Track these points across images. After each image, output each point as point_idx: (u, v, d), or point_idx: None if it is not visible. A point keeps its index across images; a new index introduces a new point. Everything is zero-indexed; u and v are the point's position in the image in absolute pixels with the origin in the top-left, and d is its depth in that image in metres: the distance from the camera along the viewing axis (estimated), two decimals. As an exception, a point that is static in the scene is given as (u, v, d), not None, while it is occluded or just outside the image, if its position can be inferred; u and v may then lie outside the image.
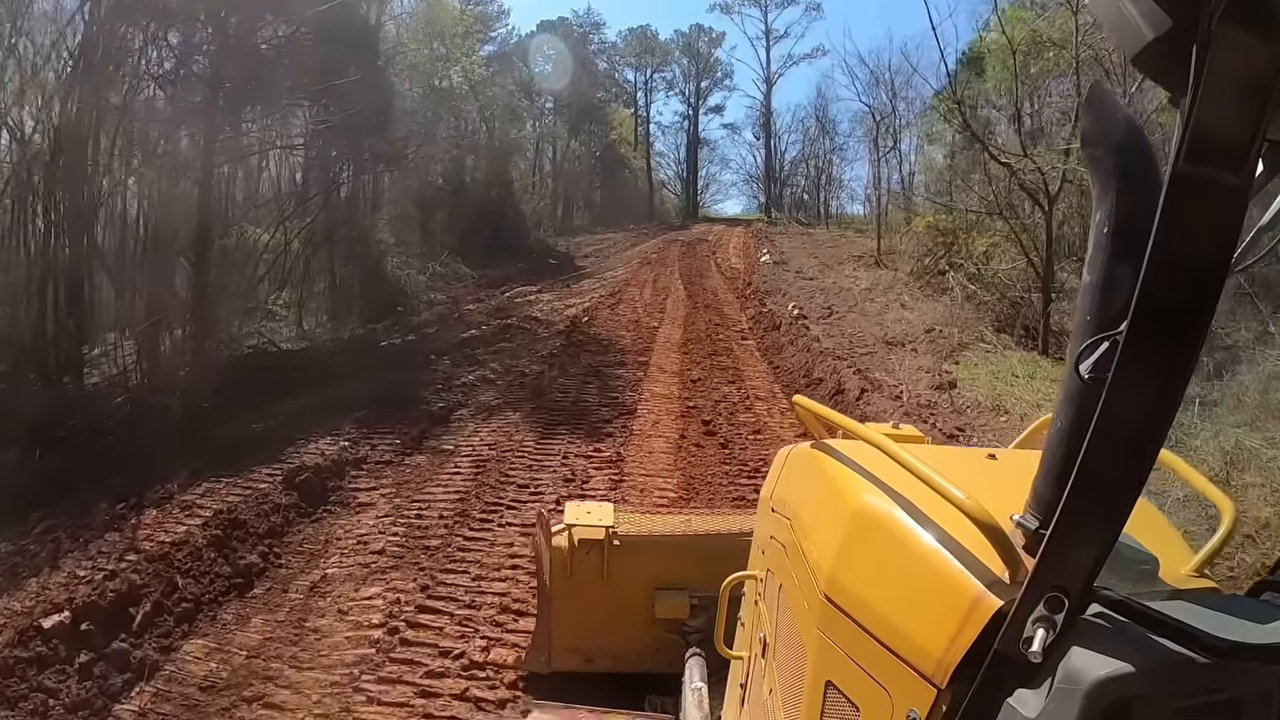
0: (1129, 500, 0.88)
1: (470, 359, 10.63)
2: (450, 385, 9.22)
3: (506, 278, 21.57)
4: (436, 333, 13.59)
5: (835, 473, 1.50)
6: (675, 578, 3.20)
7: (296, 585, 4.84)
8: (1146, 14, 0.77)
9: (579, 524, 3.26)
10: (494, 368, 10.02)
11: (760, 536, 2.03)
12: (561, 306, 15.92)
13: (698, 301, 16.30)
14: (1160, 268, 0.79)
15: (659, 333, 12.65)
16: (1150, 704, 0.89)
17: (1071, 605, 0.91)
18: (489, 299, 18.18)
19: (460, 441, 7.19)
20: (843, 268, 19.87)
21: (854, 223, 33.84)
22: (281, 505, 5.77)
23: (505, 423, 7.69)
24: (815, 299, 15.17)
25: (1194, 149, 0.75)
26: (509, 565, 4.72)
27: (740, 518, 3.30)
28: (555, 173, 39.17)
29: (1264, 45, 0.72)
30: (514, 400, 8.48)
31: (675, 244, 28.74)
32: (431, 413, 8.06)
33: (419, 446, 7.15)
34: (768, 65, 44.02)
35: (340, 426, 7.55)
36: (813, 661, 1.37)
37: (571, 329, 12.70)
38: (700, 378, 9.54)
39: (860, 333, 11.49)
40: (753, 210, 43.92)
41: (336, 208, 17.72)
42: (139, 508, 5.89)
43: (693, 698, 2.62)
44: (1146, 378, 0.83)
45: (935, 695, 1.05)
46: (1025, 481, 1.12)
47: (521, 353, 10.97)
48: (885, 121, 26.65)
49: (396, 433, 7.43)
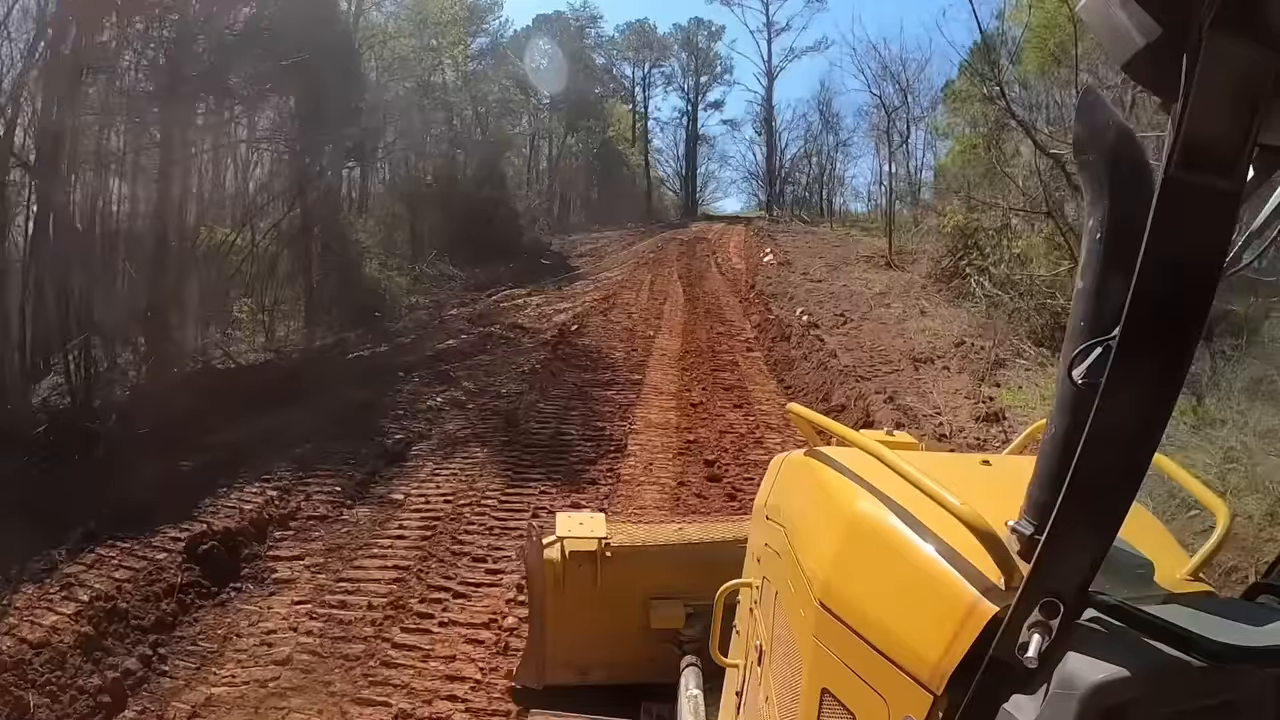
0: (1124, 505, 0.88)
1: (442, 376, 9.42)
2: (415, 410, 8.01)
3: (495, 279, 20.40)
4: (412, 343, 12.38)
5: (830, 480, 1.50)
6: (669, 587, 3.15)
7: (175, 709, 3.63)
8: (1137, 21, 0.78)
9: (571, 536, 3.19)
10: (467, 387, 8.81)
11: (755, 544, 2.00)
12: (551, 312, 14.70)
13: (698, 306, 15.08)
14: (1153, 273, 0.79)
15: (655, 344, 11.43)
16: (1146, 708, 0.89)
17: (1067, 610, 0.90)
18: (474, 303, 16.98)
19: (412, 489, 5.99)
20: (851, 269, 18.64)
21: (858, 221, 32.62)
22: (177, 585, 4.58)
23: (470, 463, 6.49)
24: (825, 304, 13.94)
25: (1186, 154, 0.75)
26: (445, 693, 3.49)
27: (734, 525, 3.24)
28: (551, 170, 38.28)
29: (1254, 51, 0.72)
30: (484, 431, 7.28)
31: (674, 243, 27.55)
32: (386, 448, 6.85)
33: (363, 494, 5.97)
34: (769, 59, 42.79)
35: (276, 468, 6.33)
36: (808, 669, 1.37)
37: (559, 339, 11.49)
38: (702, 401, 8.33)
39: (881, 345, 10.25)
40: (752, 208, 42.85)
41: (310, 206, 16.55)
42: (15, 584, 4.69)
43: (689, 705, 2.61)
44: (1140, 382, 0.83)
45: (931, 702, 1.05)
46: (1020, 487, 1.11)
47: (500, 368, 9.76)
48: (897, 113, 25.31)
49: (340, 475, 6.23)
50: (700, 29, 45.05)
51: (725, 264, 22.14)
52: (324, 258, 16.23)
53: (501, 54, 33.32)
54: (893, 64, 24.86)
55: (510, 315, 14.36)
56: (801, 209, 38.41)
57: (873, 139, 31.82)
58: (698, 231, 31.55)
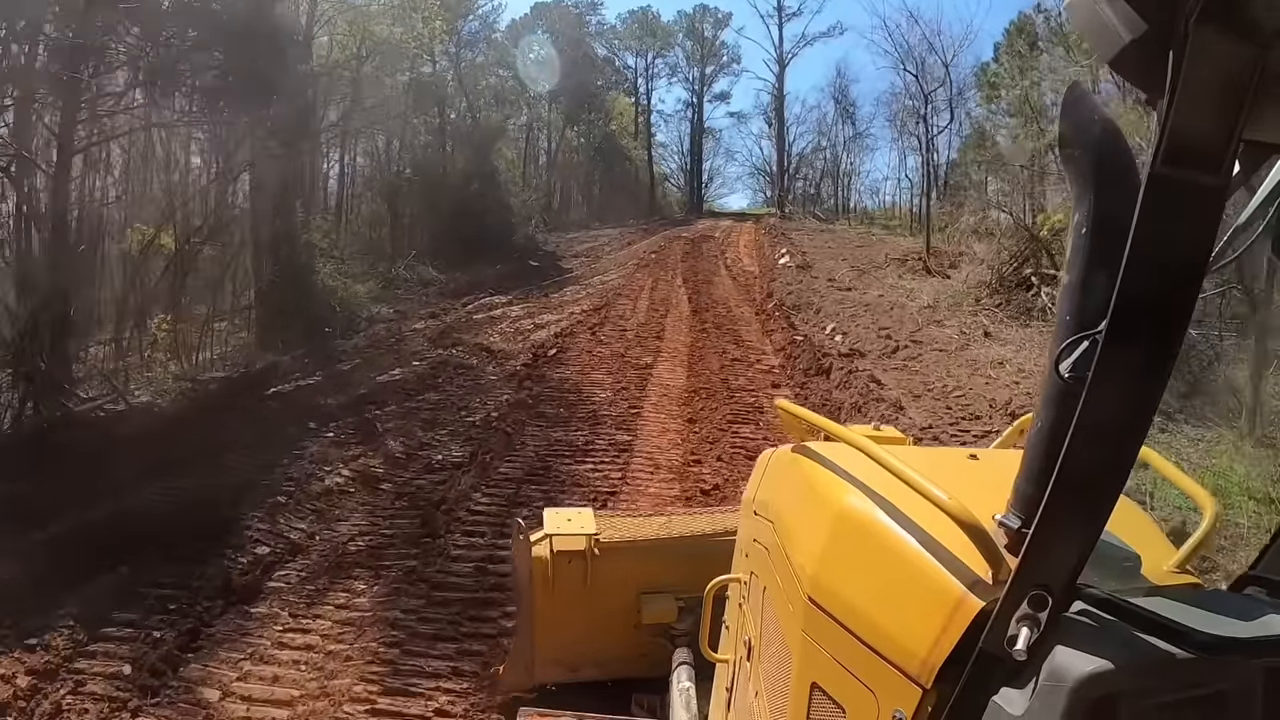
0: (1111, 498, 0.88)
1: (365, 430, 7.02)
2: (305, 494, 5.63)
3: (476, 284, 18.08)
4: (353, 370, 9.98)
5: (817, 475, 1.49)
6: (660, 581, 3.07)
7: None
8: (1123, 17, 0.78)
9: (559, 533, 3.08)
10: (392, 451, 6.41)
11: (743, 539, 1.98)
12: (529, 327, 12.28)
13: (706, 321, 12.61)
14: (1139, 267, 0.79)
15: (653, 378, 8.94)
16: (1134, 700, 0.89)
17: (1055, 603, 0.91)
18: (446, 313, 14.59)
19: (231, 683, 3.54)
20: (882, 274, 16.13)
21: (878, 217, 30.11)
22: None
23: (342, 622, 4.12)
24: (861, 319, 11.47)
25: (1172, 150, 0.75)
26: None
27: (723, 517, 3.15)
28: (550, 164, 36.28)
29: (1239, 46, 0.72)
30: (387, 544, 4.88)
31: (678, 241, 25.06)
32: (230, 577, 4.43)
33: (160, 683, 3.53)
34: (780, 44, 40.30)
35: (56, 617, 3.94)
36: (797, 664, 1.36)
37: (530, 370, 9.06)
38: (719, 484, 5.74)
39: (954, 386, 7.70)
40: (759, 204, 40.58)
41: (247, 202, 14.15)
42: None
43: (681, 699, 2.59)
44: (1126, 376, 0.83)
45: (920, 695, 1.05)
46: (1007, 481, 1.11)
47: (446, 417, 7.35)
48: (934, 92, 22.66)
49: (143, 640, 3.82)
50: (706, 16, 43.21)
51: (735, 266, 19.63)
52: (265, 262, 13.86)
53: (492, 40, 31.74)
54: (929, 38, 22.20)
55: (481, 331, 11.94)
56: (815, 205, 35.75)
57: (893, 128, 29.27)
58: (704, 229, 29.01)
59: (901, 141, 29.39)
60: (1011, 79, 18.97)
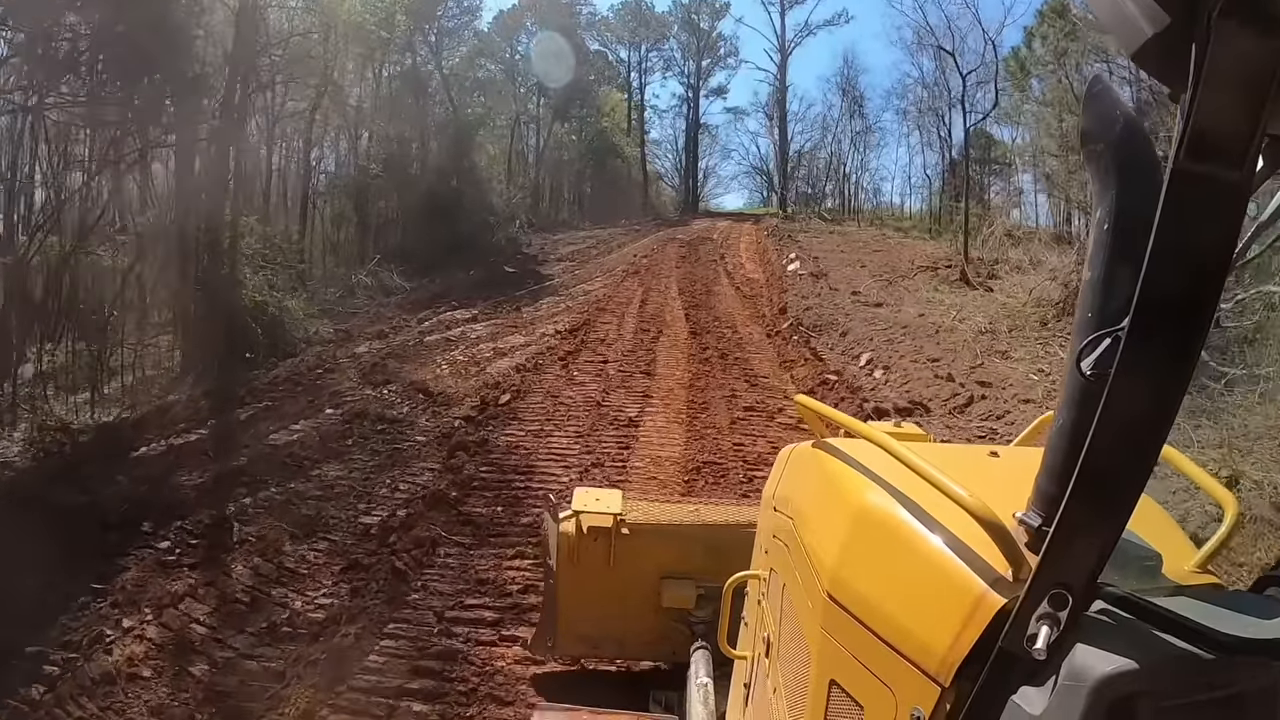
0: (1132, 496, 0.87)
1: (214, 538, 4.69)
2: (67, 692, 3.23)
3: (443, 293, 15.85)
4: (247, 422, 7.61)
5: (837, 471, 1.47)
6: (682, 567, 3.12)
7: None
8: (1146, 11, 0.76)
9: (587, 511, 3.18)
10: (230, 590, 4.10)
11: (763, 535, 1.97)
12: (488, 353, 9.93)
13: (708, 346, 10.26)
14: (1161, 263, 0.78)
15: (639, 442, 6.55)
16: (1154, 700, 0.87)
17: (1075, 602, 0.89)
18: (395, 333, 12.26)
19: None
20: (912, 285, 13.82)
21: (890, 218, 27.86)
22: None
23: None
24: (901, 347, 9.16)
25: (1194, 144, 0.74)
26: None
27: (751, 510, 2.93)
28: (537, 161, 34.25)
29: (1263, 40, 0.71)
30: None
31: (673, 243, 22.70)
32: None
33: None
34: (782, 33, 38.09)
35: None
36: (816, 661, 1.35)
37: (470, 427, 6.73)
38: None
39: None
40: (757, 204, 38.45)
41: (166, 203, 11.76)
42: None
43: (698, 694, 2.59)
44: (1149, 373, 0.82)
45: (939, 693, 1.04)
46: (1028, 479, 1.10)
47: (334, 515, 5.02)
48: (970, 76, 20.37)
49: None
50: (703, 6, 41.28)
51: (738, 273, 17.28)
52: (174, 274, 11.47)
53: (477, 30, 29.80)
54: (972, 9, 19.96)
55: (428, 361, 9.58)
56: (820, 204, 33.36)
57: (906, 121, 27.03)
58: (700, 230, 26.62)
59: (917, 135, 27.06)
60: (1053, 62, 16.73)
